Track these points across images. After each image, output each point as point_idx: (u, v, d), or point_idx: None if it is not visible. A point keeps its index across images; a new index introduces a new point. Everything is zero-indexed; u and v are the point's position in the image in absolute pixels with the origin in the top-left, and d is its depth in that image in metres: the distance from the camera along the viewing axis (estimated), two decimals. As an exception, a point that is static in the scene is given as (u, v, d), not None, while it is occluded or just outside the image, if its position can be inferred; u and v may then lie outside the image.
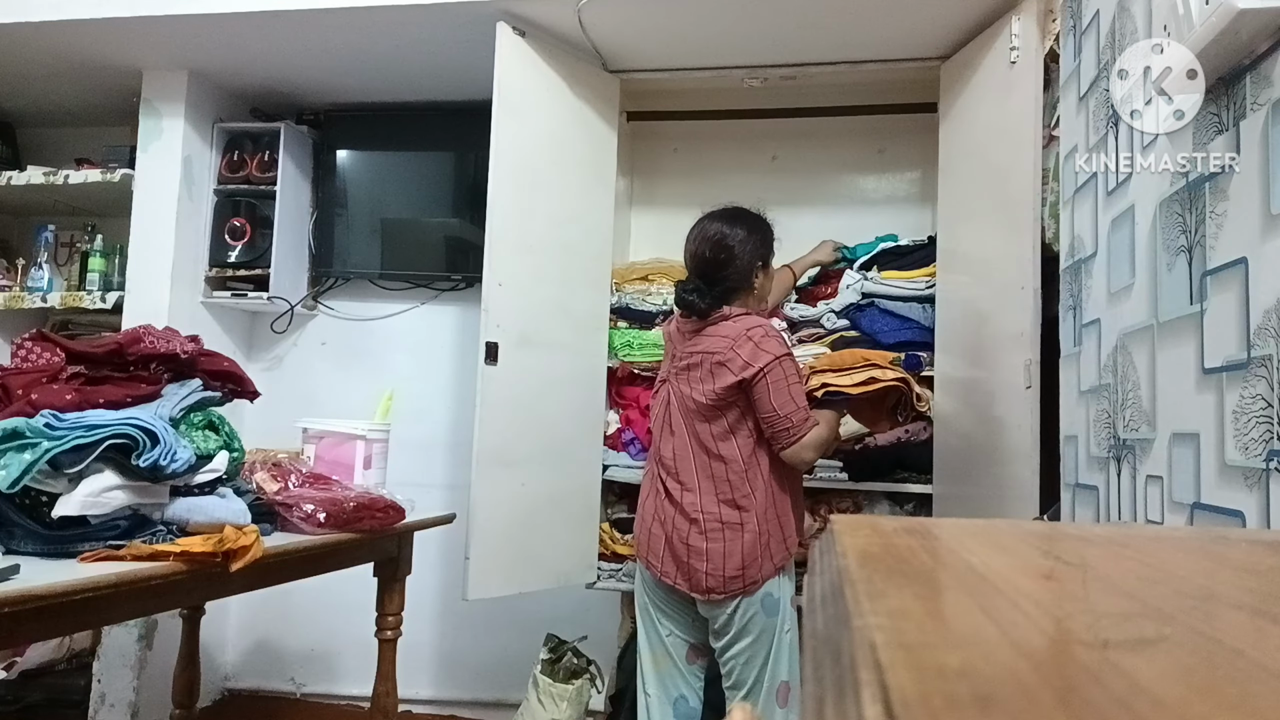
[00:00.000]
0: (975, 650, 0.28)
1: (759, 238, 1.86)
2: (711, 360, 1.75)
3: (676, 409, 1.81)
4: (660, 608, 1.84)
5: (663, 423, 1.85)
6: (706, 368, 1.76)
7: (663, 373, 1.91)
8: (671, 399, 1.83)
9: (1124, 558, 0.51)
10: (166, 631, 2.52)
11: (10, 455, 1.19)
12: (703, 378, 1.76)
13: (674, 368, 1.85)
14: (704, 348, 1.77)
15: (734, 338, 1.74)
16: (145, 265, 2.63)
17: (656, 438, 1.87)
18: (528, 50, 2.24)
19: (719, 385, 1.73)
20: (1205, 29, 0.96)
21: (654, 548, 1.80)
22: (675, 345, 1.87)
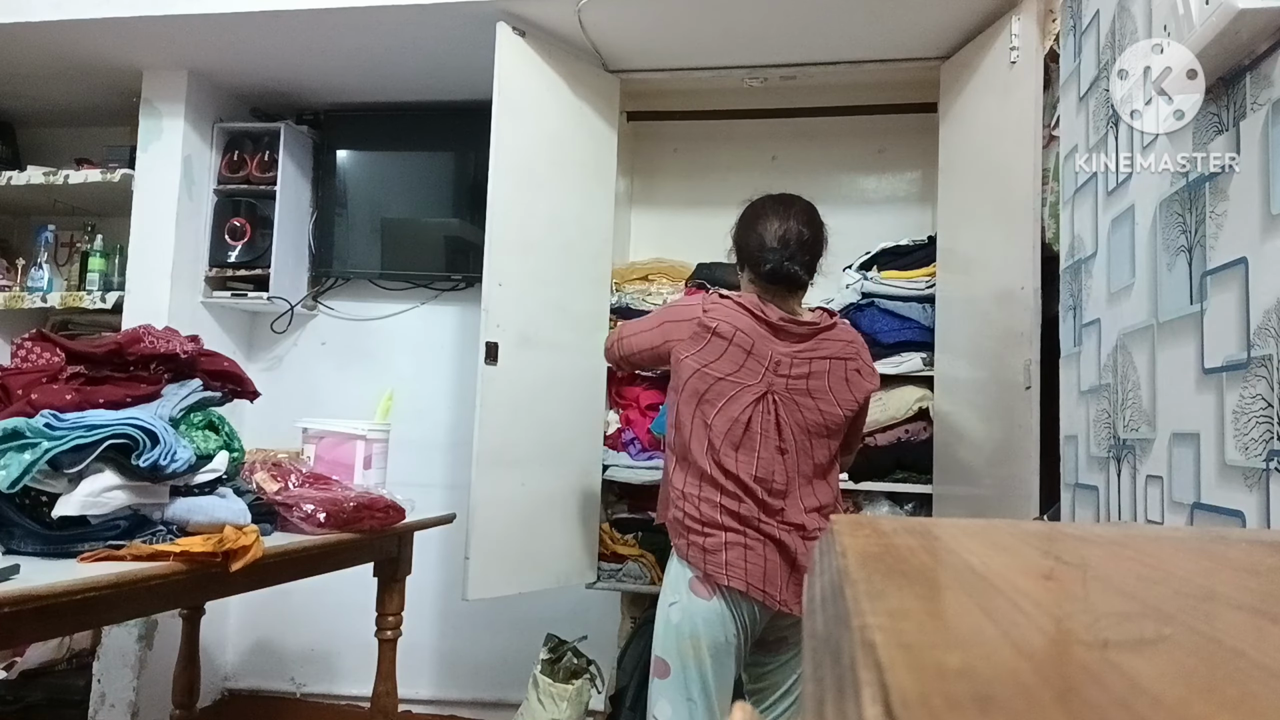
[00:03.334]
0: (975, 650, 0.28)
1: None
2: (848, 367, 1.63)
3: (789, 424, 1.58)
4: (731, 647, 1.58)
5: (757, 436, 1.57)
6: (840, 375, 1.61)
7: (750, 379, 1.58)
8: (780, 413, 1.58)
9: (1124, 558, 0.51)
10: (166, 631, 2.52)
11: (10, 455, 1.19)
12: (834, 386, 1.60)
13: (779, 375, 1.58)
14: (830, 353, 1.62)
15: (857, 343, 1.67)
16: (145, 265, 2.63)
17: (734, 452, 1.57)
18: (528, 50, 2.24)
19: (859, 395, 1.63)
20: (1205, 29, 0.96)
21: (770, 576, 1.57)
22: (754, 346, 1.58)
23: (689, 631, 1.56)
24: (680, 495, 1.62)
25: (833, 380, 1.61)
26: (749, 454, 1.57)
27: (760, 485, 1.57)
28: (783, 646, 1.68)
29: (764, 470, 1.58)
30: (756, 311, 1.59)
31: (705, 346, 1.58)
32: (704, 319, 1.58)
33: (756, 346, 1.57)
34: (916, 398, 2.33)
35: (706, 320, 1.58)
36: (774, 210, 1.67)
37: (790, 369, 1.59)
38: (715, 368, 1.57)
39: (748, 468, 1.57)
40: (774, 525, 1.58)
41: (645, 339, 1.69)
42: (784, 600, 1.59)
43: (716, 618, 1.57)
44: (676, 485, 1.63)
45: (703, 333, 1.58)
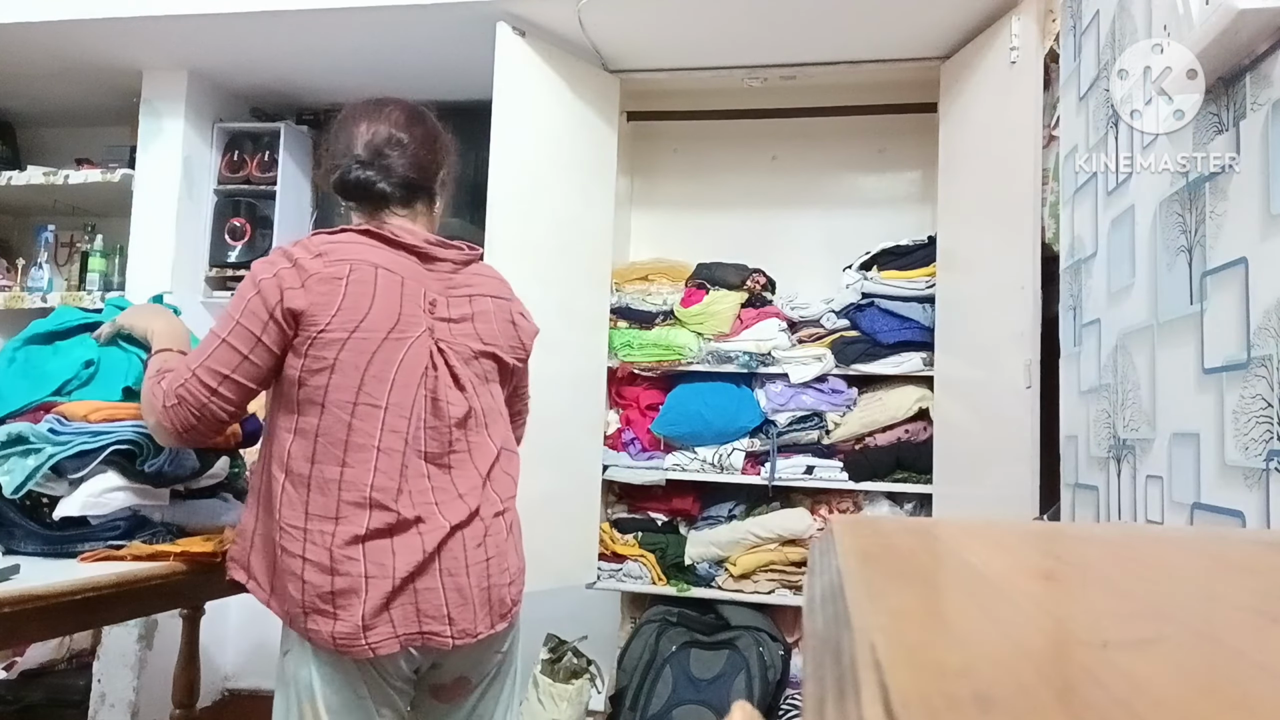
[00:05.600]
0: (975, 650, 0.28)
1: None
2: (511, 309, 1.33)
3: (470, 374, 1.24)
4: (381, 701, 1.18)
5: (445, 403, 1.21)
6: (504, 316, 1.31)
7: (411, 329, 1.18)
8: (451, 361, 1.22)
9: (1124, 558, 0.51)
10: (166, 631, 2.52)
11: (14, 460, 1.19)
12: (501, 330, 1.29)
13: (438, 319, 1.21)
14: (489, 290, 1.30)
15: (508, 286, 1.37)
16: (145, 265, 2.63)
17: (417, 427, 1.20)
18: (528, 50, 2.24)
19: (527, 339, 1.38)
20: (1205, 29, 0.96)
21: (422, 590, 1.17)
22: (411, 282, 1.20)
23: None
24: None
25: (499, 323, 1.28)
26: (415, 420, 1.18)
27: (432, 464, 1.19)
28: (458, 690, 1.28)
29: (439, 440, 1.20)
30: (395, 235, 1.20)
31: (340, 302, 1.13)
32: (313, 263, 1.15)
33: (408, 283, 1.18)
34: (916, 398, 2.33)
35: (323, 267, 1.14)
36: (363, 113, 1.30)
37: (449, 309, 1.22)
38: (350, 315, 1.14)
39: (417, 438, 1.18)
40: (443, 523, 1.21)
41: (226, 324, 1.14)
42: (466, 624, 1.19)
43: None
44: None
45: (324, 285, 1.13)
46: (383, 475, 1.12)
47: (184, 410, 1.12)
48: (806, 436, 2.39)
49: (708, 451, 2.41)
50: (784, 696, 2.25)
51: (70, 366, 1.37)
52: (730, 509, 2.48)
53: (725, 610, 2.37)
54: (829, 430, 2.39)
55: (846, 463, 2.37)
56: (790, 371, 2.39)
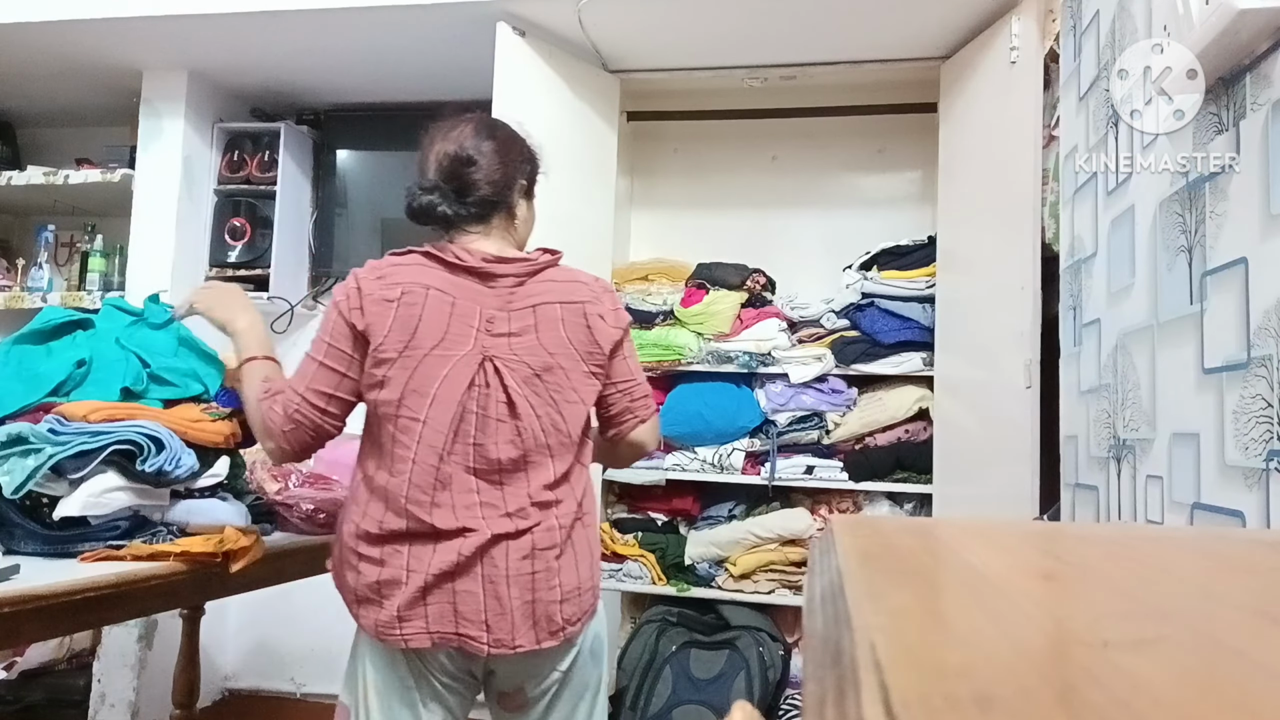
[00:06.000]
0: (975, 650, 0.28)
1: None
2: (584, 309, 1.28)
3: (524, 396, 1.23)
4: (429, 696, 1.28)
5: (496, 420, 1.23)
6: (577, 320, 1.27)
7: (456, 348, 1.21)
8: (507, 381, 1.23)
9: (1124, 558, 0.51)
10: (166, 631, 2.52)
11: (14, 460, 1.19)
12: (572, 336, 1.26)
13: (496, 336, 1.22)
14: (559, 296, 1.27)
15: (596, 286, 1.33)
16: (145, 265, 2.63)
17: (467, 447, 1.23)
18: (528, 50, 2.24)
19: (604, 340, 1.30)
20: (1205, 29, 0.96)
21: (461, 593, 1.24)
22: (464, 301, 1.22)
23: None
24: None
25: (569, 329, 1.24)
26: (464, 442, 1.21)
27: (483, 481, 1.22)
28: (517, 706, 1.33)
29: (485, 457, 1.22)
30: (452, 258, 1.22)
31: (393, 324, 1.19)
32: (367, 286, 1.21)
33: (459, 303, 1.21)
34: (916, 398, 2.33)
35: (380, 290, 1.20)
36: (439, 133, 1.31)
37: (510, 324, 1.22)
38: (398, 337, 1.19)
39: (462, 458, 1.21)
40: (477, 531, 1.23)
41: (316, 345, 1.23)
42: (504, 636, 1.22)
43: None
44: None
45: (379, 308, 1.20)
46: (415, 488, 1.17)
47: (301, 433, 1.22)
48: (806, 436, 2.39)
49: (708, 451, 2.41)
50: (784, 696, 2.25)
51: (63, 368, 1.37)
52: (730, 509, 2.48)
53: (725, 610, 2.37)
54: (829, 430, 2.39)
55: (846, 463, 2.37)
56: (790, 371, 2.39)
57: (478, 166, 1.26)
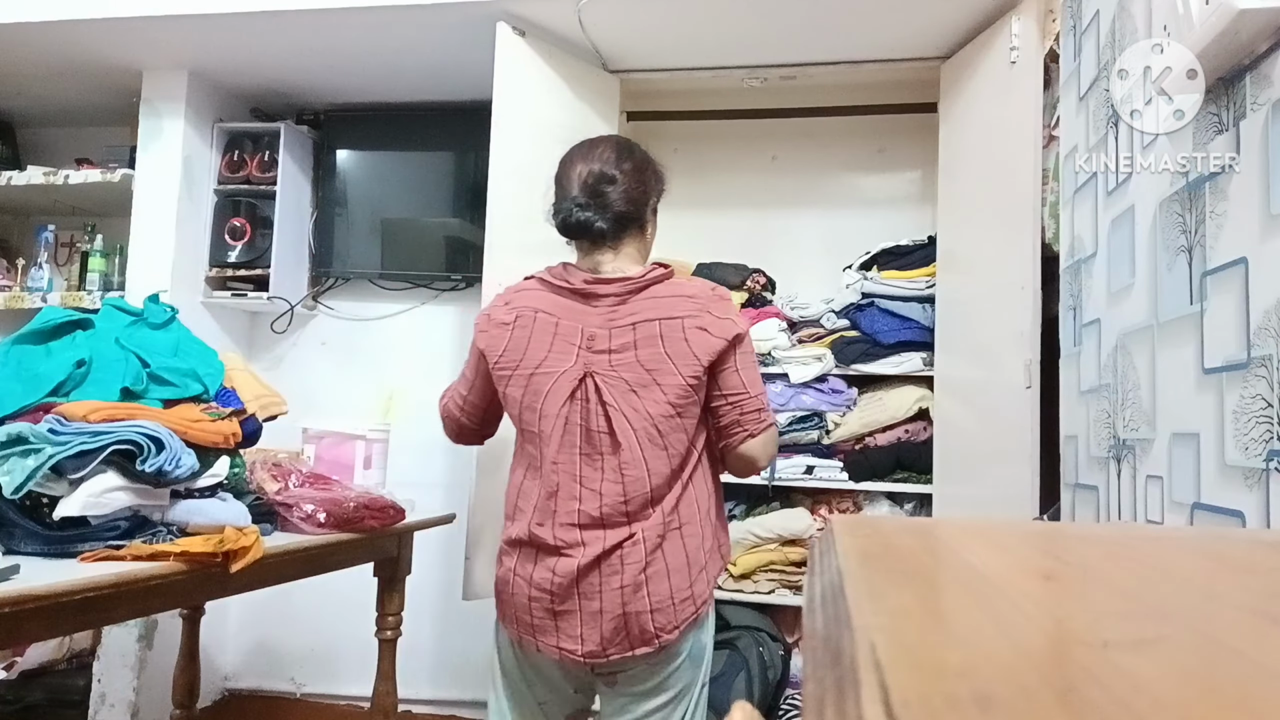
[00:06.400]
0: (975, 650, 0.28)
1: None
2: (684, 323, 1.33)
3: (621, 412, 1.32)
4: (536, 679, 1.44)
5: (597, 433, 1.32)
6: (676, 334, 1.33)
7: (558, 365, 1.33)
8: (606, 397, 1.32)
9: (1124, 558, 0.51)
10: (166, 631, 2.52)
11: (14, 460, 1.19)
12: (671, 350, 1.32)
13: (596, 353, 1.32)
14: (659, 312, 1.33)
15: (703, 297, 1.37)
16: (145, 265, 2.63)
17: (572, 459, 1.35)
18: (528, 50, 2.24)
19: (703, 353, 1.33)
20: (1205, 29, 0.96)
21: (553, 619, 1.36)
22: (568, 321, 1.35)
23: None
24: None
25: (668, 343, 1.29)
26: (567, 452, 1.33)
27: (576, 500, 1.32)
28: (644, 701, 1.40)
29: (582, 470, 1.32)
30: (558, 281, 1.35)
31: (509, 345, 1.35)
32: (495, 315, 1.38)
33: (563, 323, 1.33)
34: (916, 398, 2.33)
35: (501, 314, 1.37)
36: (578, 154, 1.42)
37: (610, 341, 1.30)
38: (529, 360, 1.34)
39: (567, 469, 1.33)
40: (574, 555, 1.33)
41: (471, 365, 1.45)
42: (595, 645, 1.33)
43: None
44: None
45: (499, 330, 1.37)
46: (527, 499, 1.34)
47: (448, 423, 1.54)
48: (806, 436, 2.39)
49: (708, 451, 2.41)
50: (784, 696, 2.25)
51: (63, 368, 1.37)
52: (730, 509, 2.47)
53: (725, 610, 2.37)
54: (829, 430, 2.39)
55: (846, 463, 2.36)
56: (790, 371, 2.39)
57: (617, 184, 1.35)
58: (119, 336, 1.49)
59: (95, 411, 1.28)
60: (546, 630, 1.31)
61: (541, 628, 1.31)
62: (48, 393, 1.35)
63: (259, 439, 1.61)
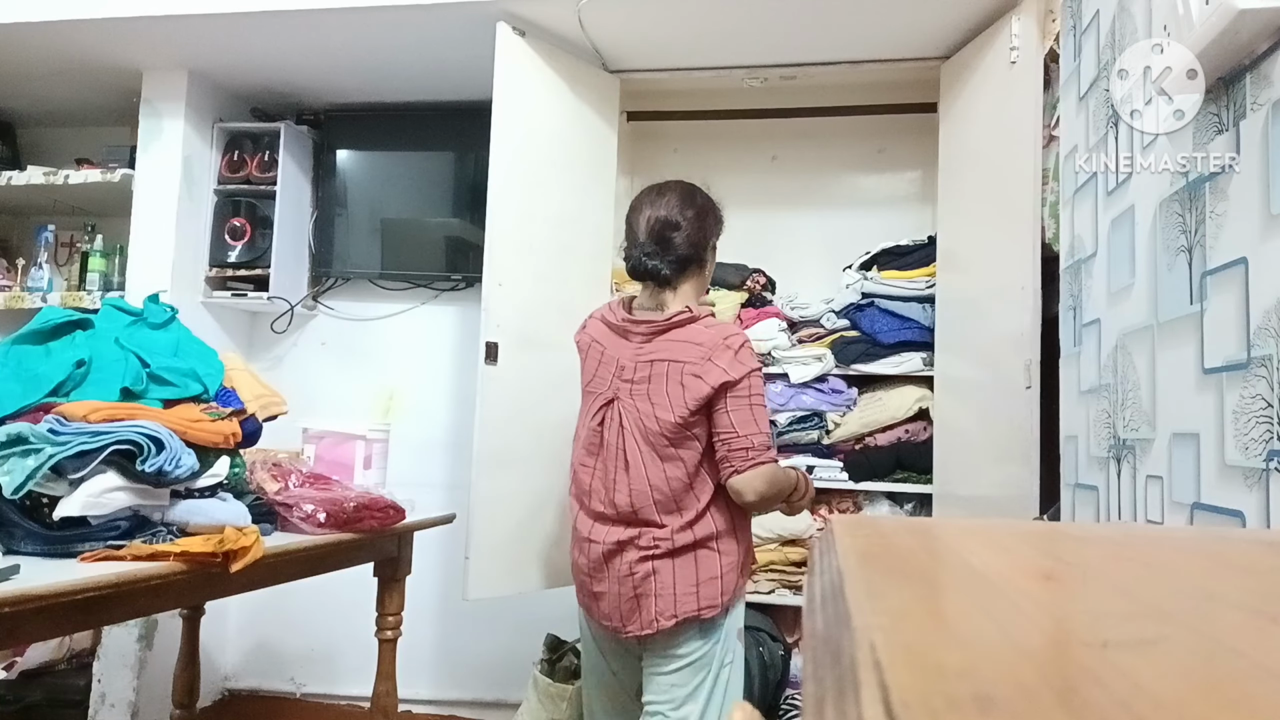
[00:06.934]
0: (975, 650, 0.28)
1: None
2: (684, 370, 1.47)
3: (633, 433, 1.50)
4: (606, 644, 1.65)
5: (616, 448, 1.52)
6: (675, 378, 1.48)
7: (600, 387, 1.57)
8: (624, 421, 1.51)
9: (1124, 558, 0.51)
10: (166, 631, 2.52)
11: (14, 460, 1.19)
12: (669, 390, 1.48)
13: (623, 381, 1.52)
14: (669, 355, 1.49)
15: (710, 345, 1.48)
16: (145, 265, 2.63)
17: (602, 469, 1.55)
18: (528, 50, 2.24)
19: (691, 399, 1.46)
20: (1205, 29, 0.96)
21: (596, 596, 1.57)
22: (610, 351, 1.57)
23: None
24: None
25: (669, 384, 1.47)
26: (601, 461, 1.55)
27: (604, 497, 1.53)
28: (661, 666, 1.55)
29: (607, 480, 1.53)
30: (609, 316, 1.60)
31: (583, 365, 1.64)
32: (578, 337, 1.67)
33: (607, 353, 1.58)
34: (916, 398, 2.33)
35: (578, 337, 1.67)
36: (646, 200, 1.59)
37: (634, 373, 1.51)
38: (583, 378, 1.64)
39: (599, 477, 1.55)
40: (600, 542, 1.53)
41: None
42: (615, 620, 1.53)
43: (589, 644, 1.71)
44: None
45: (580, 352, 1.66)
46: (572, 497, 1.63)
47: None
48: (806, 436, 2.39)
49: (708, 451, 2.41)
50: (784, 696, 2.25)
51: (62, 368, 1.37)
52: (730, 509, 2.47)
53: (725, 610, 2.37)
54: (829, 430, 2.39)
55: (846, 463, 2.36)
56: (790, 371, 2.39)
57: (681, 230, 1.54)
58: (119, 336, 1.49)
59: (95, 411, 1.28)
60: (590, 603, 1.59)
61: (587, 604, 1.61)
62: (47, 393, 1.35)
63: (259, 439, 1.61)
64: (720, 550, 1.51)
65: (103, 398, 1.36)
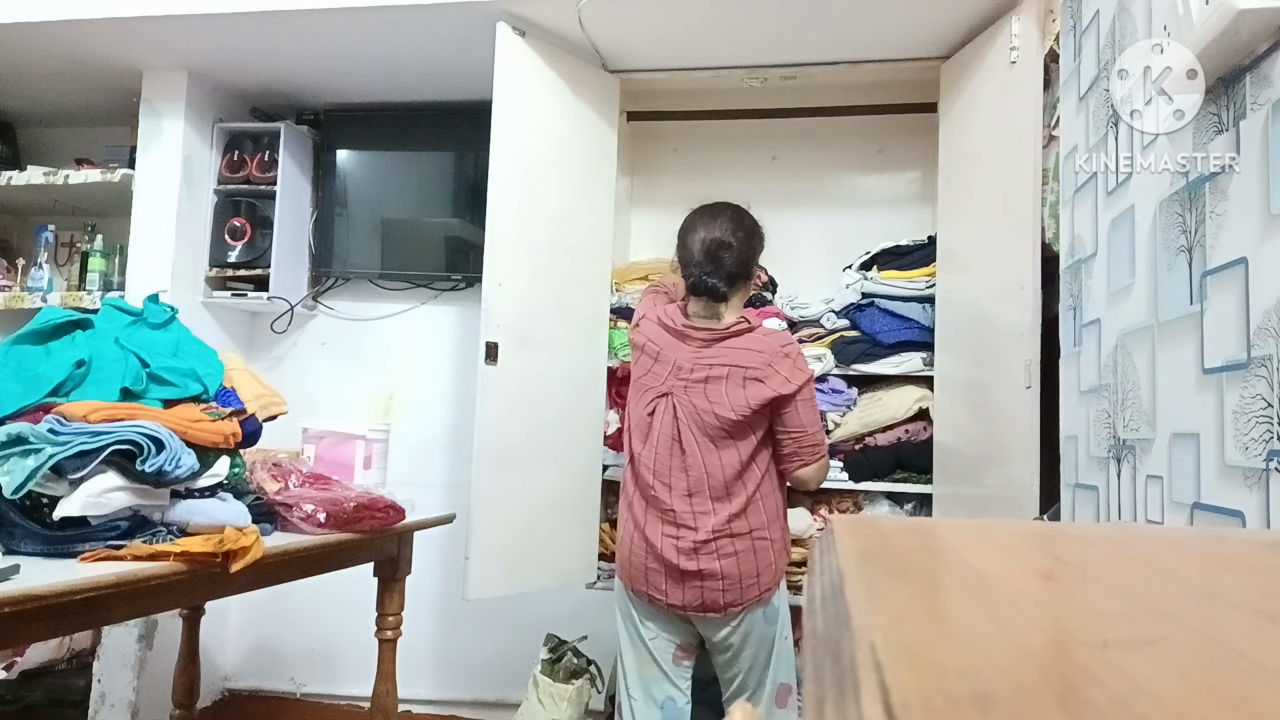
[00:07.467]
0: (975, 650, 0.28)
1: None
2: (746, 375, 1.65)
3: (688, 423, 1.67)
4: (645, 618, 1.77)
5: (670, 437, 1.69)
6: (737, 381, 1.65)
7: (654, 382, 1.73)
8: (679, 412, 1.68)
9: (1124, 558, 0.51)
10: (166, 631, 2.52)
11: (14, 461, 1.19)
12: (730, 391, 1.65)
13: (679, 378, 1.69)
14: (731, 360, 1.67)
15: (770, 352, 1.67)
16: (145, 265, 2.63)
17: (653, 455, 1.71)
18: (528, 50, 2.24)
19: (752, 400, 1.64)
20: (1205, 29, 0.96)
21: (651, 576, 1.70)
22: (661, 352, 1.73)
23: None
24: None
25: (729, 385, 1.66)
26: (650, 449, 1.71)
27: (659, 481, 1.70)
28: (717, 650, 1.76)
29: (661, 465, 1.70)
30: (667, 320, 1.75)
31: (636, 358, 1.81)
32: (632, 334, 1.82)
33: (663, 353, 1.73)
34: (916, 398, 2.33)
35: (633, 335, 1.82)
36: (701, 221, 1.76)
37: (691, 372, 1.69)
38: (636, 372, 1.80)
39: (649, 462, 1.71)
40: (658, 528, 1.70)
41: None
42: (678, 600, 1.69)
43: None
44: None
45: (633, 347, 1.82)
46: (633, 489, 1.76)
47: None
48: (806, 436, 2.38)
49: (708, 451, 2.41)
50: (784, 696, 2.25)
51: (62, 368, 1.37)
52: (730, 509, 2.47)
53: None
54: (829, 430, 2.39)
55: (846, 463, 2.36)
56: (790, 371, 2.38)
57: (732, 250, 1.70)
58: (119, 336, 1.49)
59: (95, 411, 1.28)
60: (654, 587, 1.71)
61: (645, 582, 1.73)
62: (47, 393, 1.35)
63: (259, 439, 1.61)
64: (770, 538, 1.68)
65: (103, 398, 1.36)
